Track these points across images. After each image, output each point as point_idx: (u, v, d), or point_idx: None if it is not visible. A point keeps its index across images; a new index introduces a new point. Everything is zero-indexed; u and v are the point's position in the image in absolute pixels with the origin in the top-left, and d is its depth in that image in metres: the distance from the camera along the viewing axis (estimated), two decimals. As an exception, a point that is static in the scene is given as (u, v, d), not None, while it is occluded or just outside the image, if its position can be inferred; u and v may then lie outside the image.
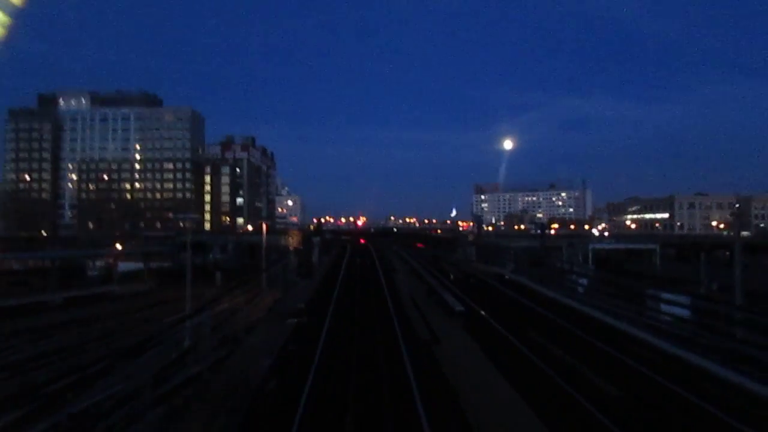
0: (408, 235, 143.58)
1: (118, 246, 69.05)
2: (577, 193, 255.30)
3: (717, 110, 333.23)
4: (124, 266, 59.80)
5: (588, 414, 12.60)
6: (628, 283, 37.84)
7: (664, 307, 26.09)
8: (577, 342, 20.55)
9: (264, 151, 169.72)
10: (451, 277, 43.83)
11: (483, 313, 26.19)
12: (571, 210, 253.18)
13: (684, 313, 24.53)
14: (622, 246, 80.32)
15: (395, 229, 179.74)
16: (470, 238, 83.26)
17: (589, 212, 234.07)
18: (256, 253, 70.06)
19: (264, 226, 49.07)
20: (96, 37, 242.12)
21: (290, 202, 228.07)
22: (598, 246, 77.37)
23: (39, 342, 29.00)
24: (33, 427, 13.89)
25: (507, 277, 42.79)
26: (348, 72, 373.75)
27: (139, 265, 66.68)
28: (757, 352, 17.01)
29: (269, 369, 16.42)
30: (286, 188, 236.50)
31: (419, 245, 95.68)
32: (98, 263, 64.47)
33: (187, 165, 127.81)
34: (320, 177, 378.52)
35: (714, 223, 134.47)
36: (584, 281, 39.08)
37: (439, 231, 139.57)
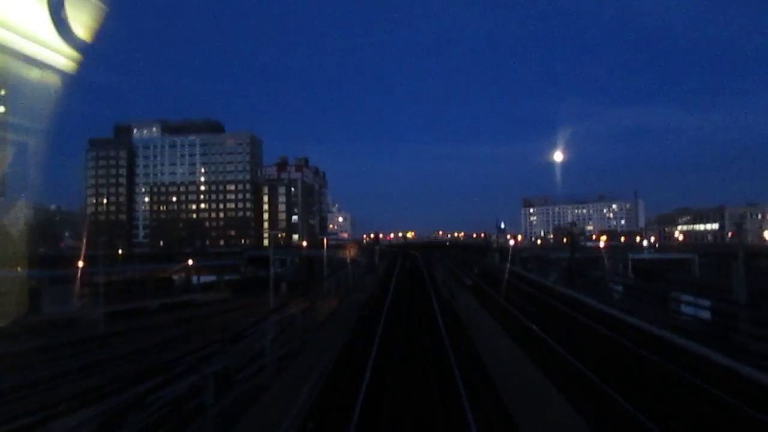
0: (452, 246, 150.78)
1: (190, 261, 77.76)
2: (628, 205, 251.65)
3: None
4: (198, 279, 67.88)
5: (516, 318, 26.63)
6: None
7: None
8: (534, 298, 34.85)
9: (316, 171, 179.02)
10: (475, 270, 60.12)
11: (484, 286, 42.62)
12: (623, 222, 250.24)
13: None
14: (661, 256, 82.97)
15: (443, 242, 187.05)
16: (495, 245, 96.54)
17: (641, 224, 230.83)
18: (314, 266, 77.41)
19: (325, 242, 55.90)
20: (163, 68, 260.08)
21: (341, 219, 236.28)
22: (636, 256, 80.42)
23: (154, 335, 36.24)
24: (177, 384, 20.40)
25: (513, 269, 56.96)
26: (395, 89, 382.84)
27: (212, 277, 74.97)
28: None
29: (362, 308, 29.87)
30: (337, 205, 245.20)
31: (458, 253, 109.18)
32: (175, 276, 73.09)
33: (247, 186, 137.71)
34: (370, 193, 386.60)
35: (767, 234, 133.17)
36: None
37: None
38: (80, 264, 67.90)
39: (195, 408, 13.94)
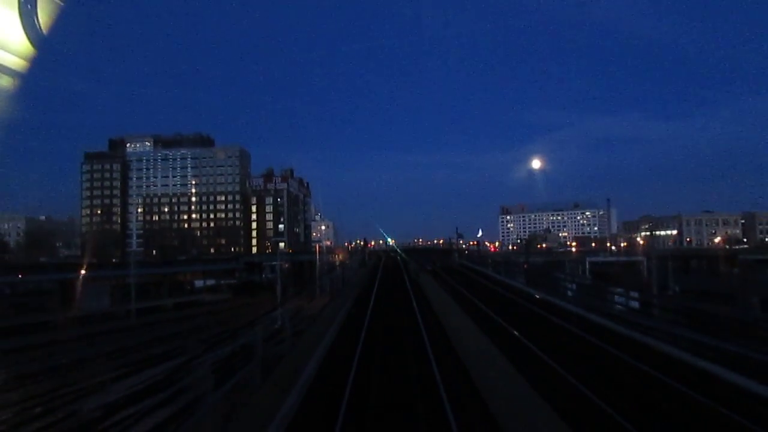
0: (429, 250, 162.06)
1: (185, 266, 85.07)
2: (601, 212, 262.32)
3: (748, 125, 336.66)
4: (204, 282, 75.56)
5: (460, 292, 40.18)
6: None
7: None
8: (473, 279, 51.83)
9: (301, 182, 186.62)
10: (438, 264, 78.18)
11: (440, 272, 61.59)
12: (596, 229, 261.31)
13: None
14: (616, 259, 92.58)
15: (422, 247, 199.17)
16: (454, 247, 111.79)
17: (614, 231, 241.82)
18: (303, 270, 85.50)
19: (317, 248, 64.16)
20: (156, 84, 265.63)
21: (323, 227, 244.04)
22: (594, 259, 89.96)
23: (181, 324, 44.12)
24: (220, 350, 28.47)
25: (463, 263, 77.56)
26: (376, 97, 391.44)
27: (211, 281, 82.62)
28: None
29: (363, 283, 46.12)
30: (320, 214, 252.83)
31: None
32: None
33: (236, 197, 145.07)
34: (352, 202, 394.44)
35: (718, 239, 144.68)
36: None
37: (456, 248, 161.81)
38: (82, 270, 75.04)
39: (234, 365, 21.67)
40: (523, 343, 20.28)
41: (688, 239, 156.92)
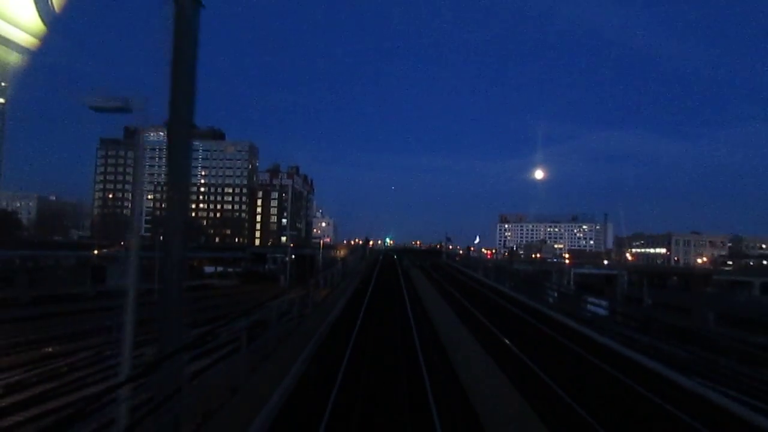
0: (422, 251, 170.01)
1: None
2: (598, 226, 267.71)
3: (748, 148, 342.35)
4: (216, 269, 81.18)
5: (444, 287, 42.87)
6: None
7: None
8: (458, 278, 56.46)
9: (305, 179, 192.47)
10: (427, 262, 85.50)
11: (428, 268, 68.99)
12: (592, 242, 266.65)
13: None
14: (598, 271, 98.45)
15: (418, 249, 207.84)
16: (444, 250, 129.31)
17: (610, 245, 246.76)
18: (305, 263, 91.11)
19: (321, 243, 69.82)
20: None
21: (324, 224, 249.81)
22: (578, 271, 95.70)
23: (199, 303, 49.57)
24: (236, 324, 34.01)
25: (448, 262, 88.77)
26: (384, 100, 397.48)
27: (220, 268, 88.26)
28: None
29: (363, 272, 52.35)
30: (320, 211, 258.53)
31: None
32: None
33: (244, 190, 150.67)
34: (353, 201, 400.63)
35: (704, 259, 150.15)
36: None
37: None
38: (95, 251, 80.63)
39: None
40: (463, 302, 31.71)
41: (676, 258, 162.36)
